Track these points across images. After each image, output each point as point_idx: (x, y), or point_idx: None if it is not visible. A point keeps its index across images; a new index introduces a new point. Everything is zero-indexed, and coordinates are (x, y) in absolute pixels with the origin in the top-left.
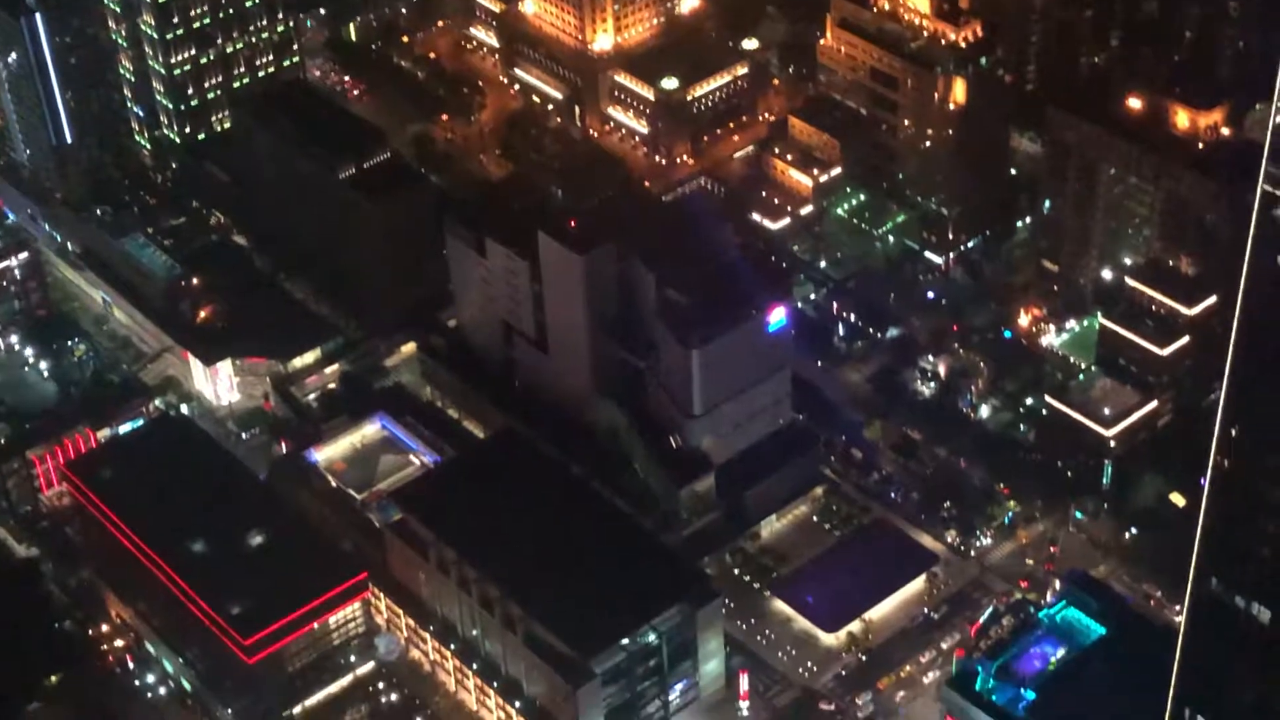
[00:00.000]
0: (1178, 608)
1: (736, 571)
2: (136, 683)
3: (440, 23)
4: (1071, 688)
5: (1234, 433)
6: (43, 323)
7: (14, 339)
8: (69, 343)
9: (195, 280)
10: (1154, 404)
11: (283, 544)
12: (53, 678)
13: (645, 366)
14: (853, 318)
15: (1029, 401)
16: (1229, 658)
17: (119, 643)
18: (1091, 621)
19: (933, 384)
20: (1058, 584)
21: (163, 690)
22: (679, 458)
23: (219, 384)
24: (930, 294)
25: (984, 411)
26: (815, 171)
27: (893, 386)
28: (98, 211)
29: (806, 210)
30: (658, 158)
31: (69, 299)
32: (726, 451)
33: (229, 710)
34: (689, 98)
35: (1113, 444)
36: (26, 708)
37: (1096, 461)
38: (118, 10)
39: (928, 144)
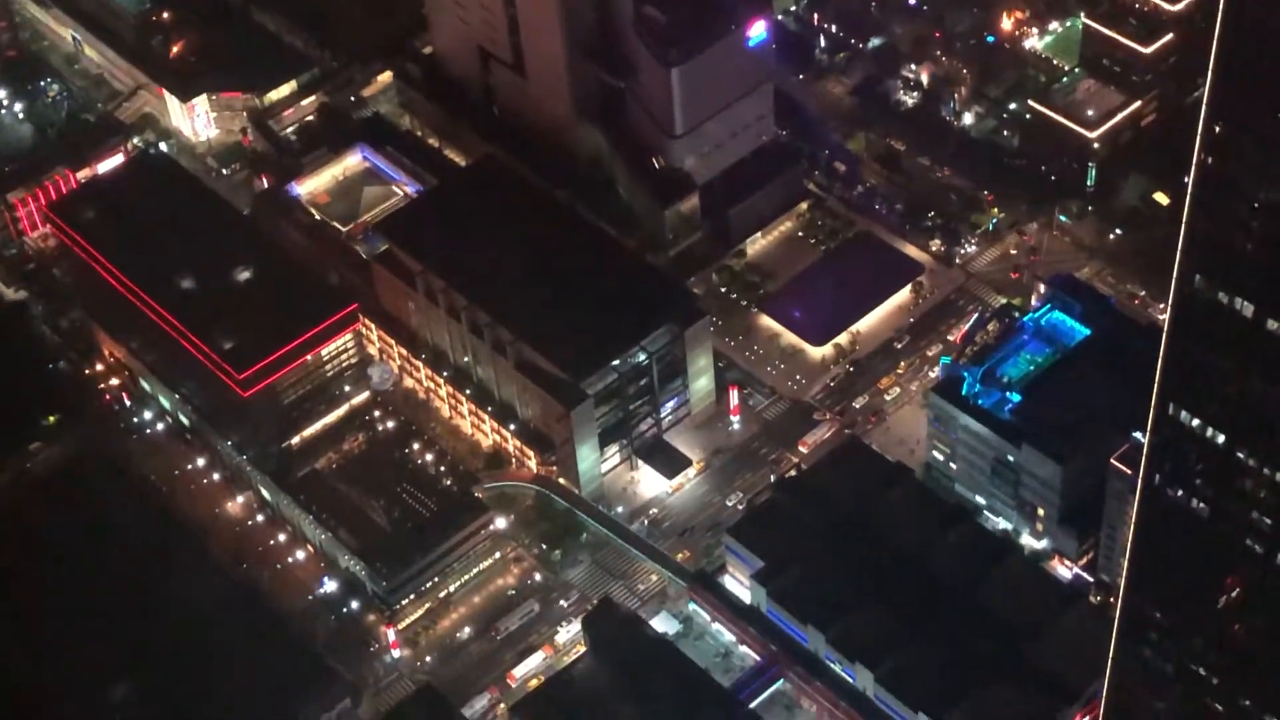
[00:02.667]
0: (1161, 306)
1: (723, 290)
2: (134, 420)
3: None
4: (1056, 389)
5: (1218, 129)
6: (14, 64)
7: None
8: (42, 84)
9: (165, 14)
10: (1138, 104)
11: (271, 278)
12: (50, 418)
13: (625, 87)
14: (834, 28)
15: (1012, 106)
16: (1212, 353)
17: (114, 381)
18: (1076, 323)
19: (915, 93)
20: (1042, 288)
21: (160, 426)
22: (662, 178)
23: (196, 120)
24: (911, 0)
25: (967, 119)
26: None
27: (875, 97)
28: None
29: None
30: None
31: (38, 39)
32: (710, 170)
33: (228, 443)
34: None
35: (1096, 145)
36: (27, 448)
37: (1080, 163)
38: None
39: None
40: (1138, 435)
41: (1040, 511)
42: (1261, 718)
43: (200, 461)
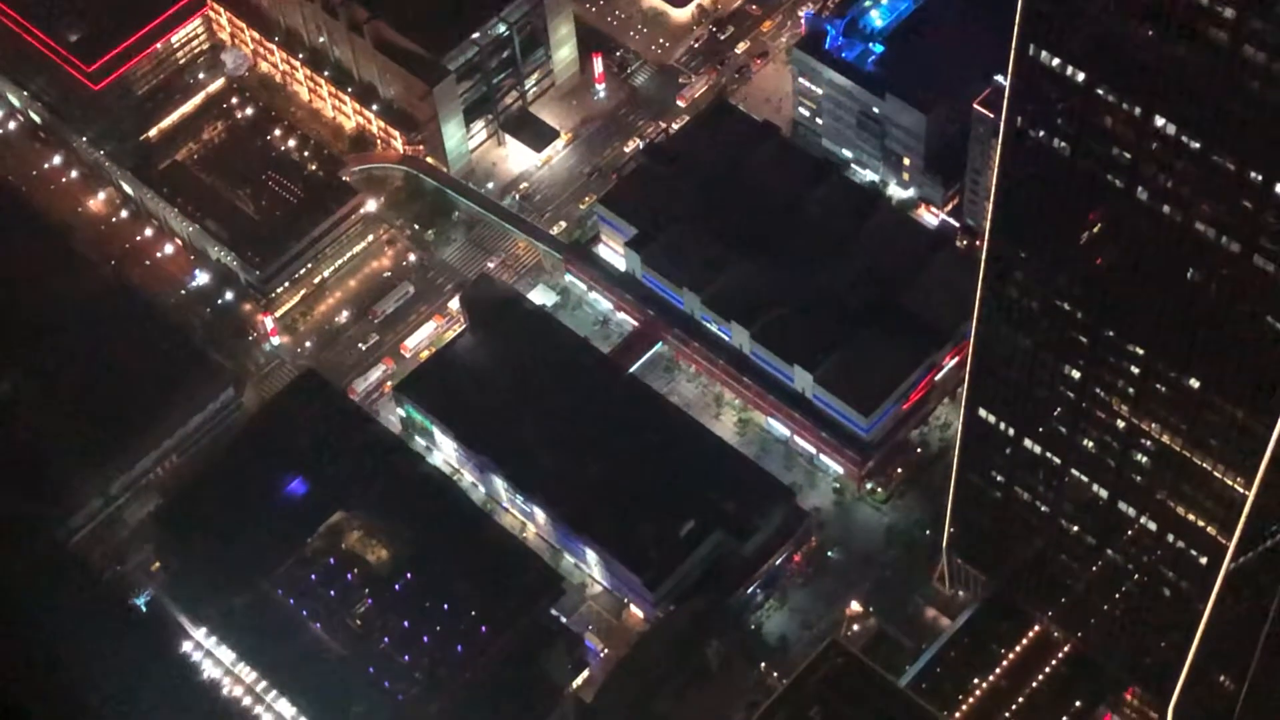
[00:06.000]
0: None
1: None
2: None
3: None
4: (919, 38)
5: None
6: None
7: None
8: None
9: None
10: None
11: None
12: None
13: None
14: None
15: None
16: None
17: None
18: None
19: None
20: None
21: (12, 125)
22: None
23: None
24: None
25: None
26: None
27: None
28: None
29: None
30: None
31: None
32: None
33: (83, 139)
34: None
35: None
36: None
37: None
38: None
39: None
40: (999, 79)
41: (906, 161)
42: (1124, 347)
43: (56, 159)
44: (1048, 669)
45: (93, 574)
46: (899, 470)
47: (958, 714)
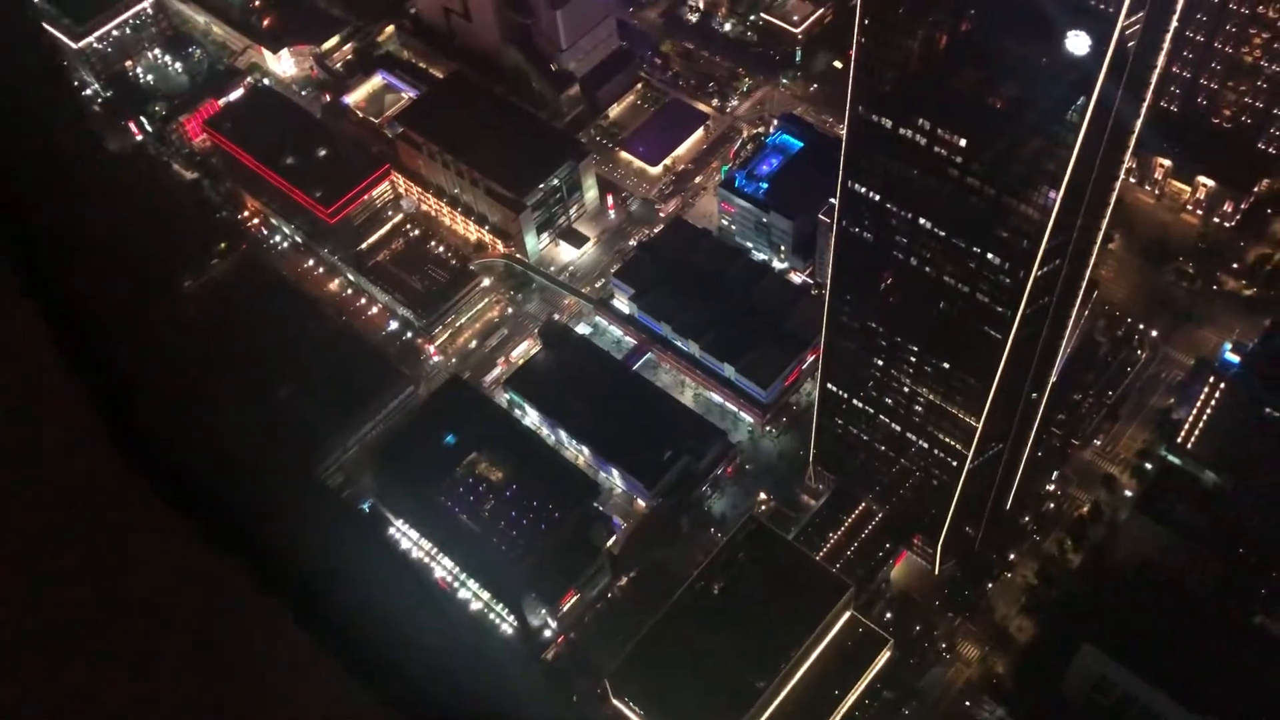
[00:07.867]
0: (841, 127)
1: (598, 138)
2: (269, 241)
3: None
4: (787, 179)
5: (867, 23)
6: (170, 39)
7: (156, 51)
8: (188, 50)
9: (257, 1)
10: (822, 10)
11: (336, 154)
12: (222, 244)
13: (530, 22)
14: None
15: (751, 18)
16: (871, 152)
17: (254, 221)
18: (796, 141)
19: (696, 13)
20: (775, 122)
21: (285, 244)
22: (557, 75)
23: (282, 63)
24: None
25: (727, 26)
26: None
27: (674, 17)
28: None
29: None
30: None
31: (184, 22)
32: (584, 68)
33: (324, 250)
34: None
35: (800, 36)
36: (210, 261)
37: (792, 48)
38: None
39: None
40: (833, 200)
41: (782, 248)
42: (906, 346)
43: (310, 262)
44: (870, 526)
45: (335, 493)
46: (784, 419)
47: (820, 554)
